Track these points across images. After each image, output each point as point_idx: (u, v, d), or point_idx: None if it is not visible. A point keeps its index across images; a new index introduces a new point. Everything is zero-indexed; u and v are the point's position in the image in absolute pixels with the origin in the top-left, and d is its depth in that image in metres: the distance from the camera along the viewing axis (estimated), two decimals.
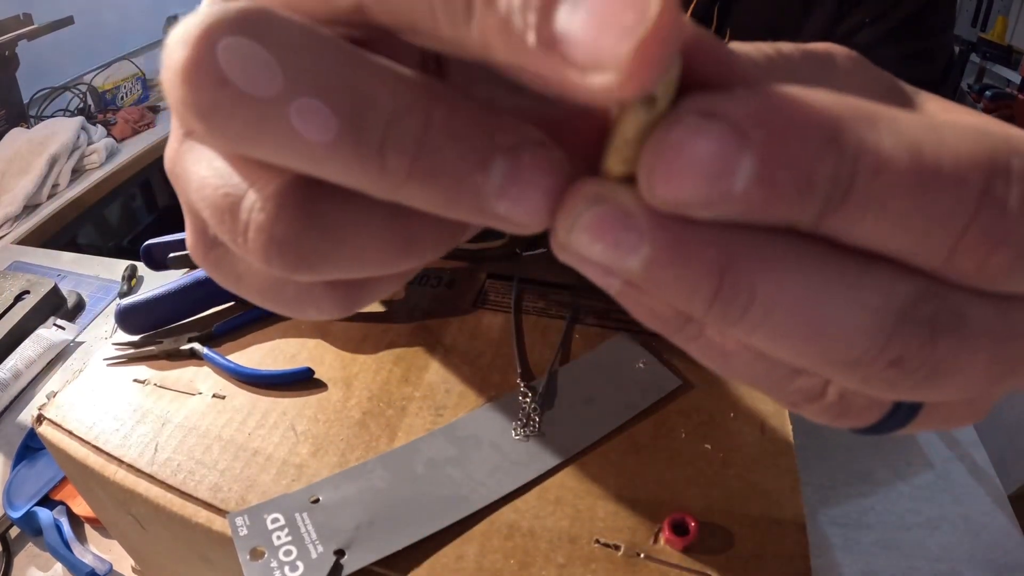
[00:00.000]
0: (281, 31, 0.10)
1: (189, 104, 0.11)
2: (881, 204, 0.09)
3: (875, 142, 0.09)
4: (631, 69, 0.08)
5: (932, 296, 0.10)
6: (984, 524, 0.50)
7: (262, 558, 0.27)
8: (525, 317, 0.41)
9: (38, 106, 1.60)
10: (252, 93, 0.10)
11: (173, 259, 0.45)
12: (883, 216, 0.10)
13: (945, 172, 0.09)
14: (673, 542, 0.28)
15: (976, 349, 0.11)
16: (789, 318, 0.10)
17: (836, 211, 0.10)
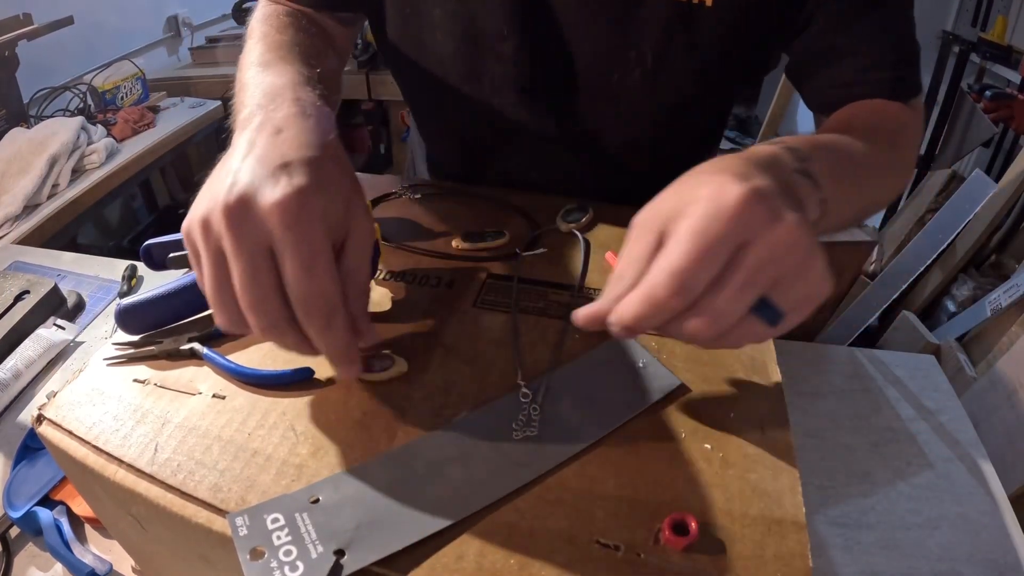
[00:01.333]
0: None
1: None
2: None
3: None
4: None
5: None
6: (984, 524, 0.50)
7: (262, 558, 0.27)
8: (525, 317, 0.41)
9: (38, 106, 1.60)
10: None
11: (173, 259, 0.45)
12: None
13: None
14: (673, 542, 0.28)
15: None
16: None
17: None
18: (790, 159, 0.35)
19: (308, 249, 0.29)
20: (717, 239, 0.27)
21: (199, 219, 0.31)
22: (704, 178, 0.30)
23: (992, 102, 1.57)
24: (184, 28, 2.31)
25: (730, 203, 0.27)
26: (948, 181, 1.56)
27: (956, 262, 1.38)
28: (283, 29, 0.52)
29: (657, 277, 0.27)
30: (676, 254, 0.27)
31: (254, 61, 0.46)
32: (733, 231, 0.27)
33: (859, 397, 0.62)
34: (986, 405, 1.02)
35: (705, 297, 0.28)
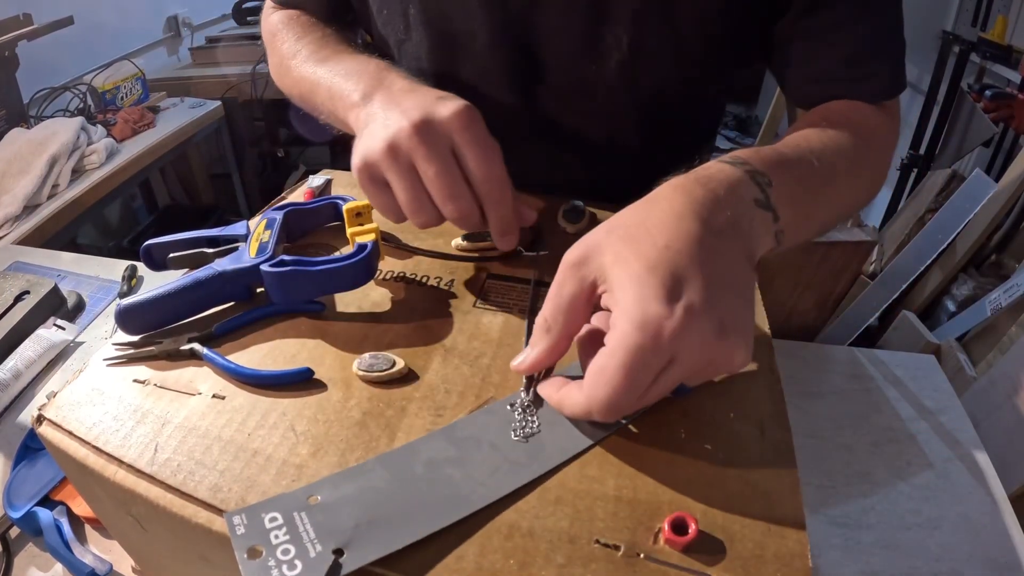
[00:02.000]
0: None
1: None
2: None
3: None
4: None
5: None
6: (984, 524, 0.50)
7: (260, 557, 0.27)
8: (525, 316, 0.41)
9: (38, 106, 1.60)
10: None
11: (173, 259, 0.45)
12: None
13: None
14: (673, 542, 0.28)
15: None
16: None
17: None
18: (751, 187, 0.35)
19: (485, 142, 0.39)
20: (645, 368, 0.29)
21: (383, 147, 0.39)
22: (640, 281, 0.30)
23: (992, 102, 1.57)
24: (184, 28, 2.31)
25: (655, 342, 0.28)
26: (948, 181, 1.56)
27: (956, 262, 1.38)
28: (312, 27, 0.58)
29: (595, 400, 0.30)
30: (609, 385, 0.29)
31: (309, 59, 0.54)
32: (655, 365, 0.29)
33: (859, 397, 0.62)
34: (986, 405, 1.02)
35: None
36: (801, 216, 0.38)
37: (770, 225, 0.35)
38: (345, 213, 0.45)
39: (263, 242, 0.43)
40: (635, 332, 0.29)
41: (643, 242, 0.31)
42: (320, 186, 0.57)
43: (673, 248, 0.31)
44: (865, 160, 0.46)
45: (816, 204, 0.41)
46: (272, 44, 0.61)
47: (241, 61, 2.03)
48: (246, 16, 2.22)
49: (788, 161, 0.39)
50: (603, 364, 0.29)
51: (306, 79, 0.53)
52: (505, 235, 0.43)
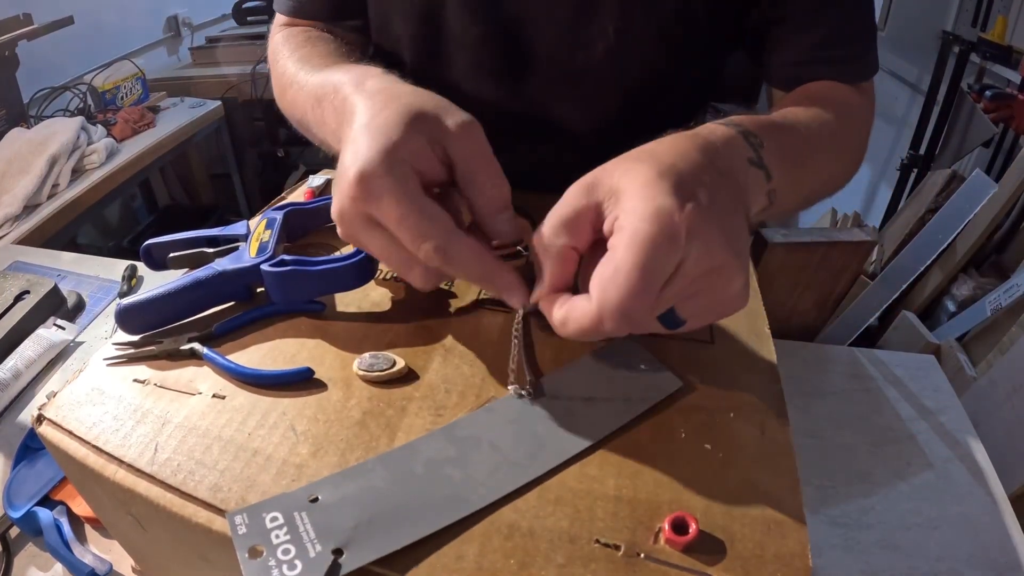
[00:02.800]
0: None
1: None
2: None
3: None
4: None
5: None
6: (984, 524, 0.50)
7: (260, 557, 0.27)
8: (525, 317, 0.41)
9: (38, 106, 1.60)
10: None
11: (173, 259, 0.45)
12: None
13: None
14: (673, 542, 0.28)
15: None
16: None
17: None
18: (745, 147, 0.36)
19: (386, 205, 0.32)
20: (660, 263, 0.28)
21: (340, 230, 0.35)
22: (649, 183, 0.29)
23: (992, 102, 1.57)
24: (184, 28, 2.31)
25: (669, 232, 0.28)
26: (948, 181, 1.56)
27: (956, 262, 1.38)
28: (304, 43, 0.56)
29: (608, 304, 0.28)
30: (622, 286, 0.28)
31: (293, 82, 0.49)
32: (670, 263, 0.28)
33: (859, 397, 0.62)
34: (986, 405, 1.02)
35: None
36: (791, 180, 0.39)
37: (763, 183, 0.36)
38: None
39: (263, 242, 0.43)
40: (648, 224, 0.28)
41: (651, 161, 0.31)
42: (320, 186, 0.57)
43: (680, 165, 0.31)
44: (846, 136, 0.48)
45: (804, 170, 0.42)
46: (272, 66, 0.59)
47: (241, 61, 2.03)
48: (246, 16, 2.23)
49: (778, 127, 0.40)
50: (615, 263, 0.28)
51: (297, 104, 0.49)
52: (502, 291, 0.35)
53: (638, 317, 0.28)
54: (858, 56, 0.52)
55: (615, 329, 0.29)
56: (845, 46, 0.51)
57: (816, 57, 0.51)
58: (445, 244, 0.33)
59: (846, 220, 1.84)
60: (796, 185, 0.41)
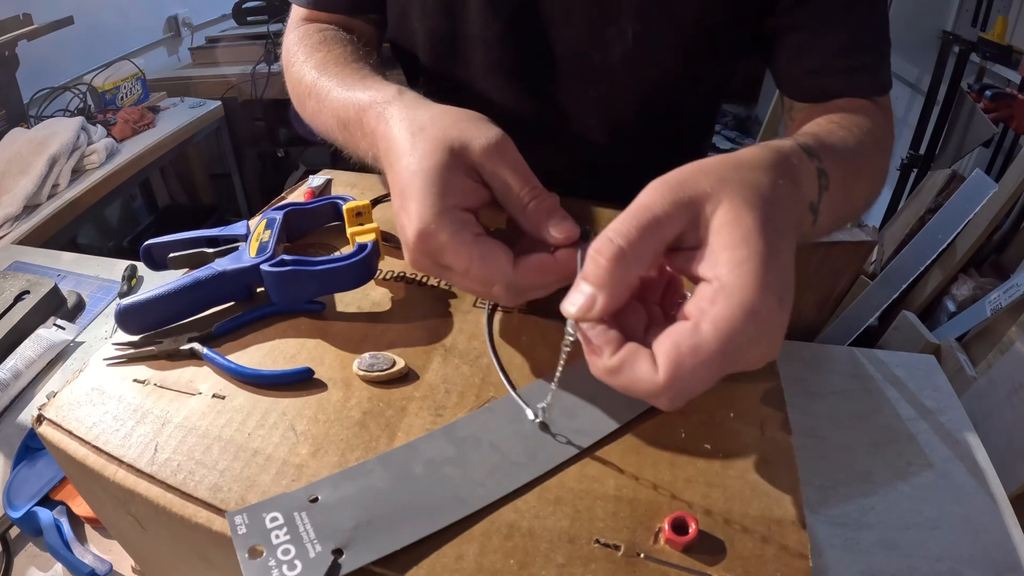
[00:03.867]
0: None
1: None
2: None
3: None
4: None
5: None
6: (984, 524, 0.50)
7: (260, 557, 0.27)
8: (525, 317, 0.41)
9: (38, 106, 1.60)
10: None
11: (173, 259, 0.45)
12: None
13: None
14: (673, 542, 0.28)
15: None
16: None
17: None
18: (813, 190, 0.35)
19: (447, 261, 0.35)
20: (735, 363, 0.27)
21: (411, 261, 0.37)
22: (746, 250, 0.27)
23: (992, 102, 1.57)
24: (184, 28, 2.31)
25: (761, 332, 0.26)
26: (948, 181, 1.56)
27: (956, 262, 1.38)
28: (319, 47, 0.55)
29: (679, 381, 0.26)
30: (700, 377, 0.26)
31: (313, 90, 0.50)
32: (749, 356, 0.27)
33: (859, 397, 0.62)
34: (986, 405, 1.02)
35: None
36: (829, 217, 0.38)
37: (808, 227, 0.35)
38: (345, 213, 0.45)
39: (263, 242, 0.43)
40: (746, 320, 0.26)
41: (748, 194, 0.28)
42: (320, 186, 0.57)
43: (776, 216, 0.28)
44: (878, 162, 0.48)
45: (843, 205, 0.41)
46: (286, 66, 0.59)
47: (241, 61, 2.03)
48: (246, 16, 2.22)
49: (837, 160, 0.39)
50: (701, 344, 0.26)
51: (321, 113, 0.50)
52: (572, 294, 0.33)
53: (697, 395, 0.27)
54: (873, 66, 0.51)
55: (668, 408, 0.28)
56: (861, 56, 0.50)
57: (832, 67, 0.51)
58: (509, 282, 0.34)
59: None
60: (844, 202, 0.40)
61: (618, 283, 0.28)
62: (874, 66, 0.51)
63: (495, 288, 0.35)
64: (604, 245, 0.28)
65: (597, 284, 0.28)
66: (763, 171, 0.30)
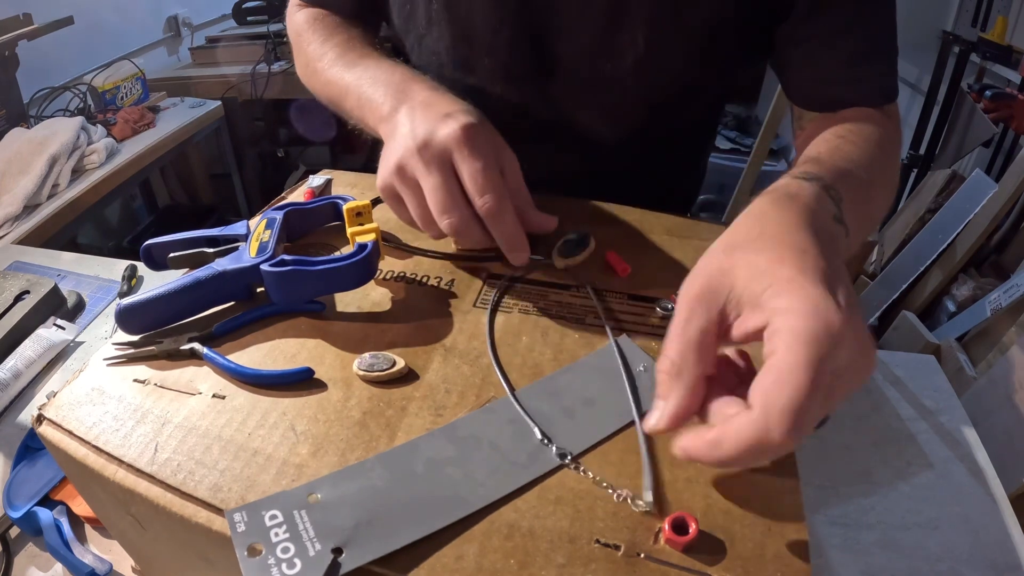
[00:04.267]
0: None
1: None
2: None
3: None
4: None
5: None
6: (984, 524, 0.50)
7: (259, 555, 0.27)
8: (525, 317, 0.41)
9: (38, 106, 1.60)
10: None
11: (173, 259, 0.45)
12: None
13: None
14: (673, 542, 0.28)
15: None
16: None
17: None
18: (828, 205, 0.35)
19: (480, 156, 0.40)
20: (824, 370, 0.25)
21: (393, 168, 0.42)
22: (794, 279, 0.28)
23: (992, 102, 1.57)
24: (184, 28, 2.31)
25: (836, 331, 0.26)
26: (948, 181, 1.56)
27: (956, 262, 1.38)
28: (338, 29, 0.59)
29: (774, 410, 0.25)
30: (793, 385, 0.25)
31: (336, 62, 0.55)
32: (836, 358, 0.26)
33: (859, 397, 0.62)
34: (986, 405, 1.02)
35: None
36: (856, 227, 0.38)
37: (843, 239, 0.35)
38: (345, 213, 0.45)
39: (263, 242, 0.43)
40: (810, 320, 0.26)
41: (776, 250, 0.29)
42: (320, 186, 0.57)
43: (810, 252, 0.29)
44: (892, 173, 0.48)
45: (865, 216, 0.41)
46: (298, 44, 0.62)
47: (241, 61, 2.03)
48: (246, 16, 2.22)
49: (847, 174, 0.40)
50: (778, 365, 0.26)
51: (335, 84, 0.54)
52: (512, 251, 0.43)
53: (808, 419, 0.25)
54: (882, 75, 0.52)
55: (783, 438, 0.25)
56: (870, 65, 0.51)
57: (842, 77, 0.51)
58: (501, 199, 0.40)
59: None
60: (858, 232, 0.40)
61: (688, 392, 0.29)
62: (883, 75, 0.52)
63: (485, 197, 0.40)
64: (662, 368, 0.30)
65: (663, 397, 0.30)
66: (766, 222, 0.32)
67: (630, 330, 0.40)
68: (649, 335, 0.40)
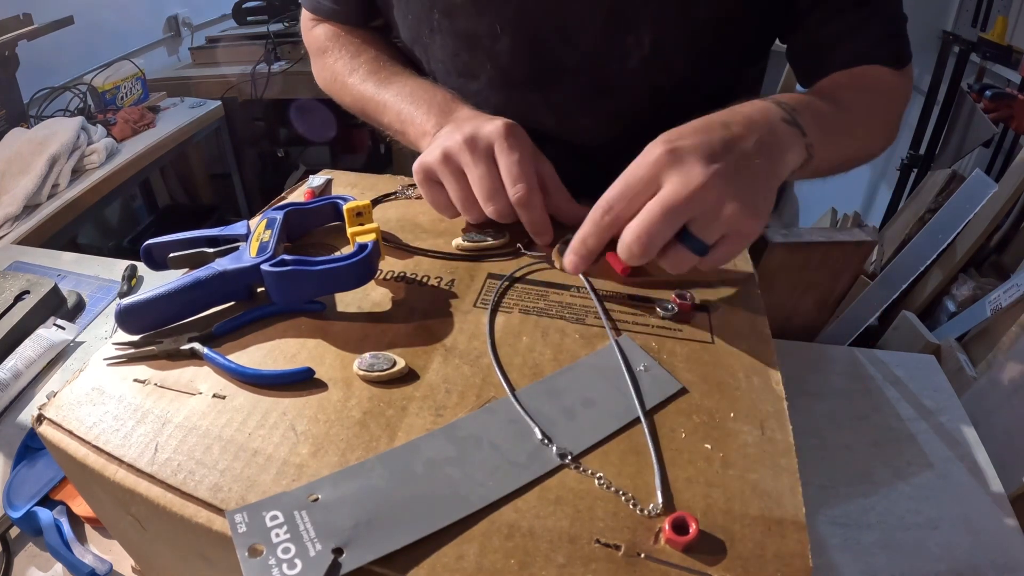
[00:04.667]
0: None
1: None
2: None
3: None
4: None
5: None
6: (984, 524, 0.50)
7: (260, 555, 0.27)
8: (525, 317, 0.41)
9: (38, 106, 1.60)
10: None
11: (173, 259, 0.45)
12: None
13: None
14: (673, 542, 0.28)
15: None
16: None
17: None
18: (778, 111, 0.42)
19: (517, 150, 0.45)
20: (638, 181, 0.39)
21: (439, 155, 0.46)
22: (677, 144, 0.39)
23: (992, 102, 1.57)
24: (184, 28, 2.31)
25: (650, 159, 0.39)
26: (948, 181, 1.56)
27: (956, 262, 1.38)
28: (363, 47, 0.64)
29: (628, 232, 0.38)
30: (642, 218, 0.38)
31: (368, 78, 0.61)
32: (649, 177, 0.38)
33: (859, 397, 0.62)
34: (986, 405, 1.02)
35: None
36: (826, 138, 0.44)
37: (799, 138, 0.42)
38: (345, 213, 0.45)
39: (263, 242, 0.43)
40: (670, 186, 0.37)
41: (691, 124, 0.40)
42: (320, 186, 0.57)
43: (711, 125, 0.40)
44: (882, 106, 0.53)
45: (840, 133, 0.47)
46: (322, 58, 0.66)
47: (241, 61, 2.03)
48: (246, 16, 2.23)
49: (812, 97, 0.47)
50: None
51: (370, 99, 0.59)
52: (538, 235, 0.47)
53: (653, 240, 0.38)
54: (897, 49, 0.54)
55: (629, 241, 0.38)
56: (883, 47, 0.53)
57: (857, 51, 0.53)
58: (532, 191, 0.45)
59: (846, 220, 1.84)
60: (832, 144, 0.46)
61: (609, 225, 0.40)
62: (897, 48, 0.54)
63: (518, 186, 0.44)
64: (599, 205, 0.40)
65: (590, 226, 0.41)
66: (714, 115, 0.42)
67: (630, 330, 0.40)
68: (649, 335, 0.40)
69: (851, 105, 0.49)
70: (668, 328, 0.40)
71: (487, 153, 0.45)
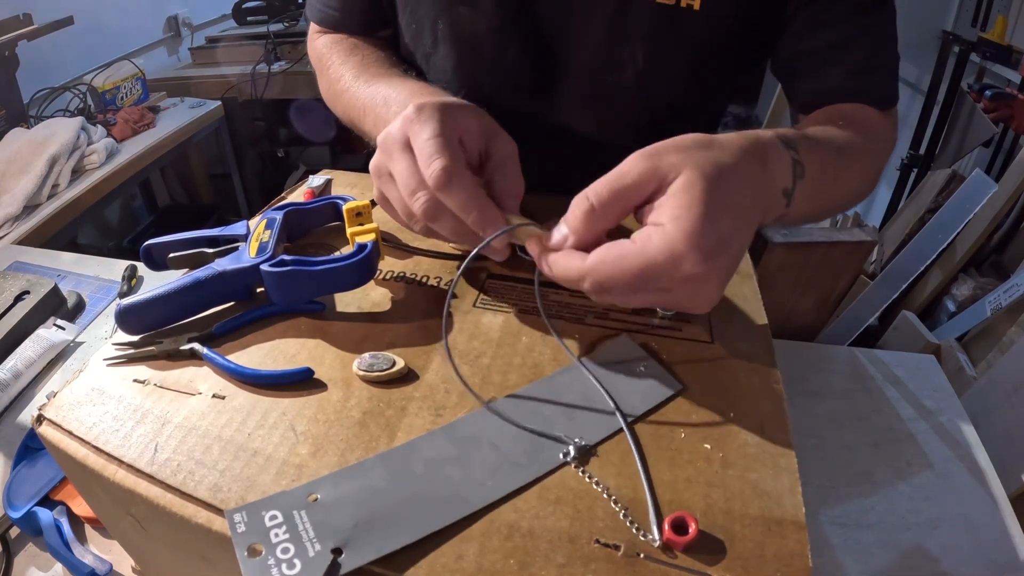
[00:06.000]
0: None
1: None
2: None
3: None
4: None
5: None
6: (984, 524, 0.50)
7: (259, 555, 0.27)
8: (525, 317, 0.41)
9: (38, 106, 1.60)
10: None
11: (173, 259, 0.45)
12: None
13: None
14: (673, 542, 0.28)
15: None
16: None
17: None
18: (787, 178, 0.38)
19: (427, 128, 0.38)
20: (649, 284, 0.32)
21: (373, 171, 0.41)
22: (685, 198, 0.32)
23: (992, 102, 1.57)
24: (184, 28, 2.31)
25: (678, 269, 0.31)
26: (948, 181, 1.56)
27: (956, 262, 1.38)
28: (354, 50, 0.61)
29: (596, 275, 0.32)
30: (617, 274, 0.32)
31: (353, 83, 0.56)
32: (665, 282, 0.32)
33: (859, 397, 0.62)
34: (986, 405, 1.02)
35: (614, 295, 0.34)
36: (821, 183, 0.41)
37: (783, 210, 0.38)
38: (345, 213, 0.45)
39: (263, 242, 0.43)
40: (663, 259, 0.31)
41: (706, 169, 0.32)
42: (320, 186, 0.57)
43: (733, 207, 0.32)
44: (870, 155, 0.50)
45: (832, 179, 0.44)
46: (320, 68, 0.64)
47: (241, 61, 2.03)
48: (246, 16, 2.22)
49: (811, 137, 0.43)
50: (625, 255, 0.32)
51: (354, 105, 0.55)
52: (477, 228, 0.37)
53: (614, 299, 0.33)
54: (884, 86, 0.53)
55: (590, 293, 0.33)
56: (872, 76, 0.52)
57: (845, 88, 0.52)
58: (449, 167, 0.36)
59: (846, 220, 1.84)
60: (825, 189, 0.43)
61: (587, 231, 0.34)
62: (885, 84, 0.53)
63: (433, 165, 0.36)
64: (581, 201, 0.34)
65: (571, 228, 0.34)
66: (730, 151, 0.34)
67: (630, 330, 0.40)
68: (649, 335, 0.40)
69: (845, 152, 0.46)
70: (668, 328, 0.40)
71: (403, 145, 0.38)
